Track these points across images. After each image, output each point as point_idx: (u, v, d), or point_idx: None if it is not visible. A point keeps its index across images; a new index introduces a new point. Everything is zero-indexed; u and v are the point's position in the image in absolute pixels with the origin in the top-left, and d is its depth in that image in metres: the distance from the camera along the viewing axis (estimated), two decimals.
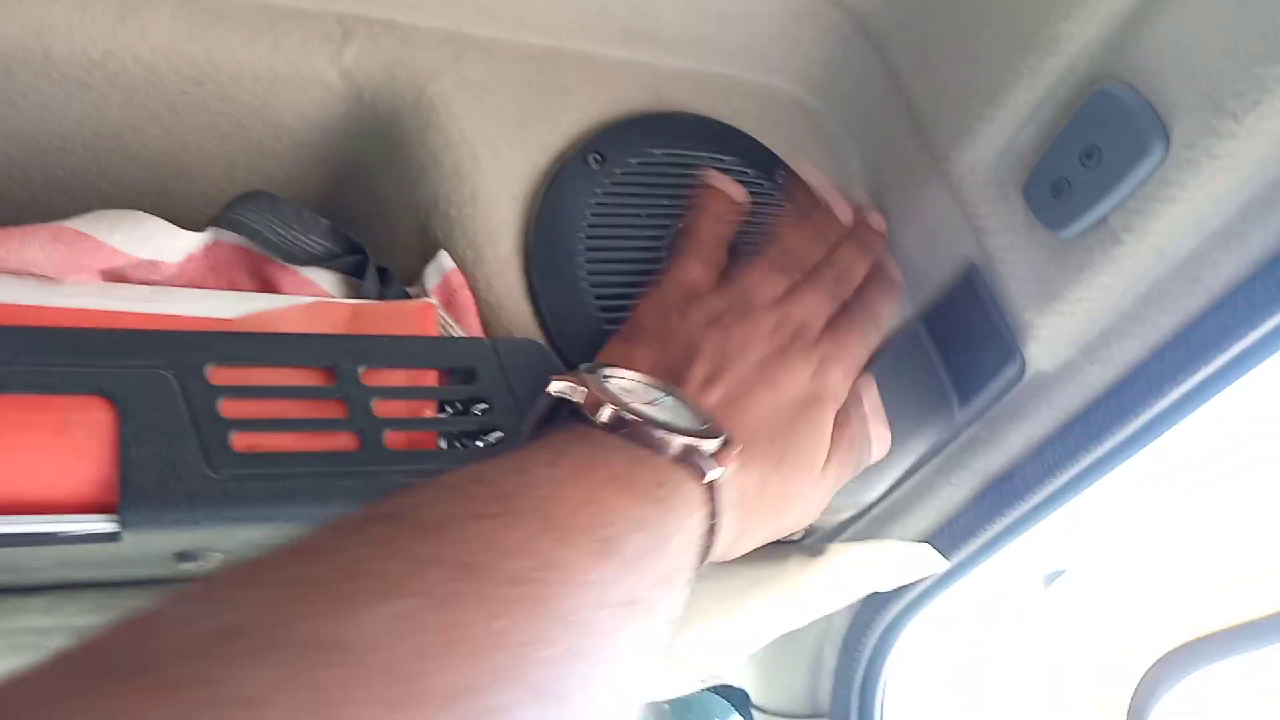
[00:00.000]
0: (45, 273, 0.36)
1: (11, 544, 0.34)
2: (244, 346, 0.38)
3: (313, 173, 0.51)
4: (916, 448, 0.50)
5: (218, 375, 0.37)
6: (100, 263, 0.38)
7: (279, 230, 0.42)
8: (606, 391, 0.35)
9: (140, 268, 0.39)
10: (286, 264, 0.42)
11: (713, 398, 0.39)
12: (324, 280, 0.43)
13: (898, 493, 0.54)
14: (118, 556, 0.38)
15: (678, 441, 0.34)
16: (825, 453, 0.43)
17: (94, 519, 0.35)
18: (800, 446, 0.42)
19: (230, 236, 0.41)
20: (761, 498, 0.40)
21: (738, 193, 0.49)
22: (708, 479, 0.35)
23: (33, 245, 0.36)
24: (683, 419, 0.37)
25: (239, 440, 0.37)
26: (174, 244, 0.40)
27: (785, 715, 0.73)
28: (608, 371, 0.37)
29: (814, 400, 0.43)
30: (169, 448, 0.36)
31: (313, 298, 0.42)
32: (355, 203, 0.52)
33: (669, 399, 0.38)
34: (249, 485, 0.36)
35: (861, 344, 0.46)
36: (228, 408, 0.37)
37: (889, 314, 0.48)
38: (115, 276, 0.39)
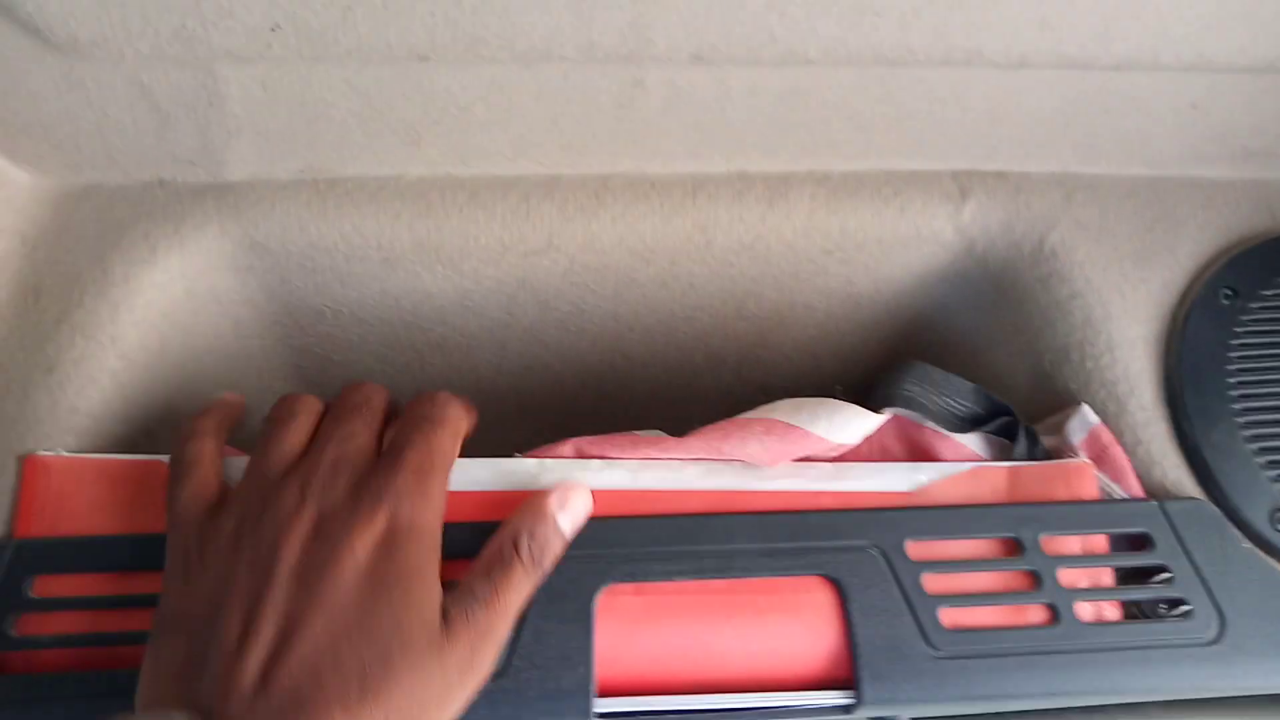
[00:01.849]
0: (759, 462, 0.40)
1: (759, 717, 0.38)
2: (931, 520, 0.40)
3: (896, 317, 0.53)
4: None
5: (914, 550, 0.39)
6: (802, 450, 0.41)
7: (935, 398, 0.43)
8: None
9: (825, 449, 0.42)
10: (942, 431, 0.43)
11: (251, 664, 0.30)
12: (974, 444, 0.43)
13: None
14: None
15: None
16: (434, 605, 0.32)
17: (834, 695, 0.37)
18: (383, 641, 0.31)
19: (898, 411, 0.43)
20: None
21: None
22: None
23: (751, 440, 0.40)
24: None
25: (946, 616, 0.38)
26: (862, 426, 0.42)
27: None
28: None
29: (384, 553, 0.32)
30: (890, 626, 0.38)
31: (970, 463, 0.42)
32: (932, 348, 0.53)
33: None
34: (965, 663, 0.38)
35: (445, 424, 0.35)
36: (930, 583, 0.38)
37: (455, 414, 0.37)
38: (803, 458, 0.42)
